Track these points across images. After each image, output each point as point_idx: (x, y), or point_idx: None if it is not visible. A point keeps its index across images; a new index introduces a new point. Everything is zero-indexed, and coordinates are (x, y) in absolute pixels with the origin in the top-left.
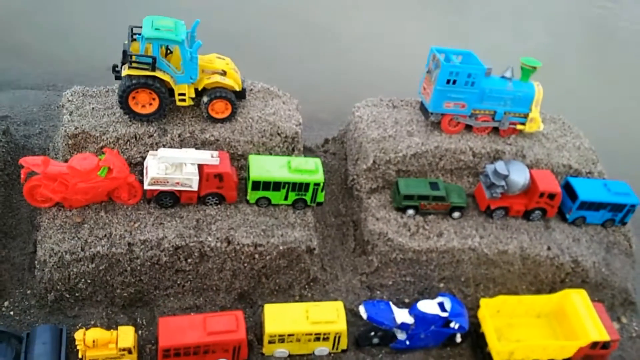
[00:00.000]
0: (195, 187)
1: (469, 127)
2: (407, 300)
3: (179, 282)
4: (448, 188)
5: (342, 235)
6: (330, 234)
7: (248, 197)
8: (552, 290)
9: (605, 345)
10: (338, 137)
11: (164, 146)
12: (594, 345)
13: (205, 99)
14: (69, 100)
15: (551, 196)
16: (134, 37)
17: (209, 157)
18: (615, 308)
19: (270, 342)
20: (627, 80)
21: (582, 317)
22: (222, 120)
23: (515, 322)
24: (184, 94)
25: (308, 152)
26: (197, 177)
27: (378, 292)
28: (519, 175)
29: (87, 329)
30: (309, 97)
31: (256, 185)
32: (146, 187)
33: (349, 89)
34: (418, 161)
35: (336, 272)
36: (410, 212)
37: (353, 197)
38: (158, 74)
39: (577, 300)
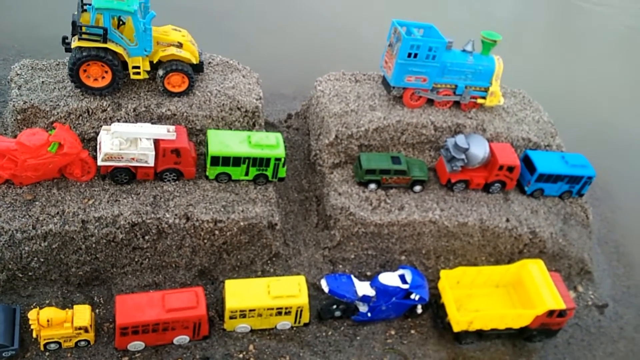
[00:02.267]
0: (151, 163)
1: (430, 102)
2: (369, 274)
3: (136, 260)
4: (409, 162)
5: (305, 211)
6: (293, 210)
7: (207, 173)
8: (511, 261)
9: (561, 313)
10: (301, 112)
11: (118, 121)
12: (551, 313)
13: (160, 72)
14: (18, 74)
15: (510, 169)
16: (84, 7)
17: (165, 131)
18: (572, 277)
19: (231, 317)
20: (586, 54)
21: (539, 286)
22: (179, 94)
23: (474, 293)
24: (138, 67)
25: (271, 127)
26: (153, 153)
27: (340, 266)
28: (479, 149)
29: (41, 308)
30: (272, 72)
31: (215, 161)
32: (100, 163)
33: (312, 63)
34: (380, 135)
35: (299, 247)
36: (372, 186)
37: (316, 172)
38: (110, 45)
39: (534, 270)
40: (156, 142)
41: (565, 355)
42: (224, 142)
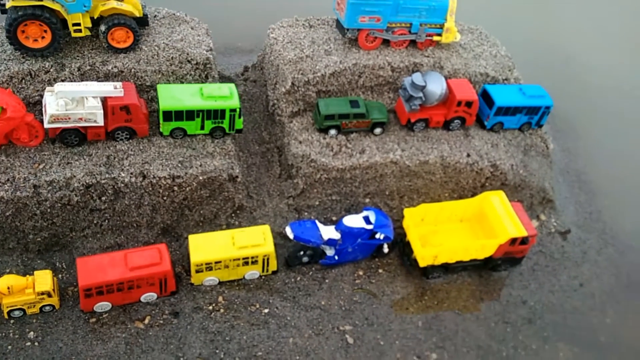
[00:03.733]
0: (101, 122)
1: (386, 42)
2: (334, 219)
3: (95, 222)
4: (368, 105)
5: (267, 162)
6: (255, 162)
7: (161, 129)
8: (474, 195)
9: (524, 240)
10: (257, 64)
11: (62, 82)
12: (513, 241)
13: (102, 27)
14: None
15: (468, 104)
16: None
17: (111, 88)
18: (534, 207)
19: (197, 271)
20: None
21: (500, 216)
22: (125, 50)
23: (439, 229)
24: (78, 24)
25: (228, 81)
26: (102, 112)
27: (306, 214)
28: (436, 85)
29: (0, 277)
30: (225, 25)
31: (168, 116)
32: (46, 125)
33: (265, 14)
34: (337, 80)
35: (263, 198)
36: (333, 132)
37: (275, 123)
38: (47, 3)
39: (495, 201)
40: (104, 100)
41: (530, 281)
42: (175, 96)
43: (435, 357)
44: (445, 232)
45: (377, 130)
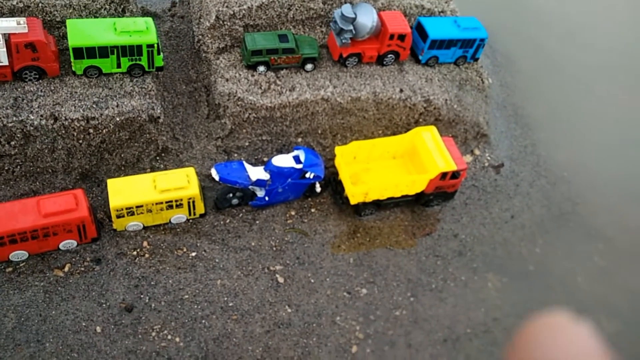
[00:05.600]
0: (5, 62)
1: None
2: (265, 159)
3: (6, 168)
4: (299, 40)
5: (195, 102)
6: (181, 102)
7: (73, 68)
8: (408, 131)
9: (454, 175)
10: None
11: None
12: (443, 176)
13: None
14: None
15: (401, 37)
16: None
17: (14, 24)
18: (469, 142)
19: (118, 216)
20: None
21: (431, 151)
22: None
23: (372, 166)
24: None
25: (154, 17)
26: (4, 50)
27: (235, 155)
28: (367, 18)
29: None
30: None
31: (79, 53)
32: None
33: None
34: (265, 13)
35: (190, 140)
36: (261, 68)
37: (202, 61)
38: None
39: (427, 137)
40: (8, 38)
41: (462, 215)
42: (86, 32)
43: (365, 292)
44: (377, 170)
45: (308, 66)
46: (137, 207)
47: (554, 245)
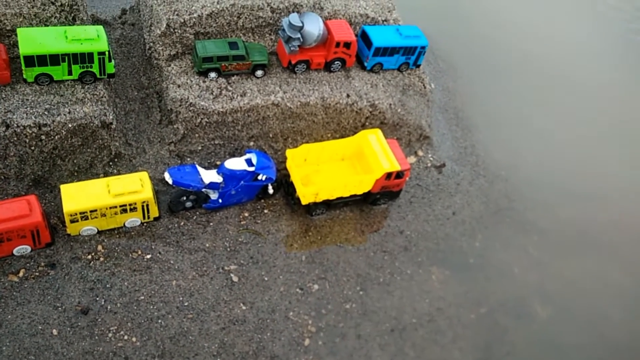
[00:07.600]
0: None
1: None
2: (219, 163)
3: None
4: (249, 47)
5: (147, 108)
6: (133, 108)
7: (25, 76)
8: (355, 134)
9: (398, 174)
10: (135, 6)
11: None
12: (388, 176)
13: None
14: None
15: (347, 45)
16: None
17: None
18: (412, 143)
19: (72, 221)
20: None
21: (376, 153)
22: None
23: (322, 168)
24: None
25: (105, 25)
26: None
27: (188, 159)
28: (313, 26)
29: None
30: None
31: (30, 61)
32: None
33: None
34: (216, 21)
35: (143, 145)
36: (213, 74)
37: (153, 67)
38: None
39: (372, 139)
40: None
41: (407, 212)
42: (37, 40)
43: (317, 288)
44: (327, 171)
45: (259, 73)
46: (91, 211)
47: (492, 239)
